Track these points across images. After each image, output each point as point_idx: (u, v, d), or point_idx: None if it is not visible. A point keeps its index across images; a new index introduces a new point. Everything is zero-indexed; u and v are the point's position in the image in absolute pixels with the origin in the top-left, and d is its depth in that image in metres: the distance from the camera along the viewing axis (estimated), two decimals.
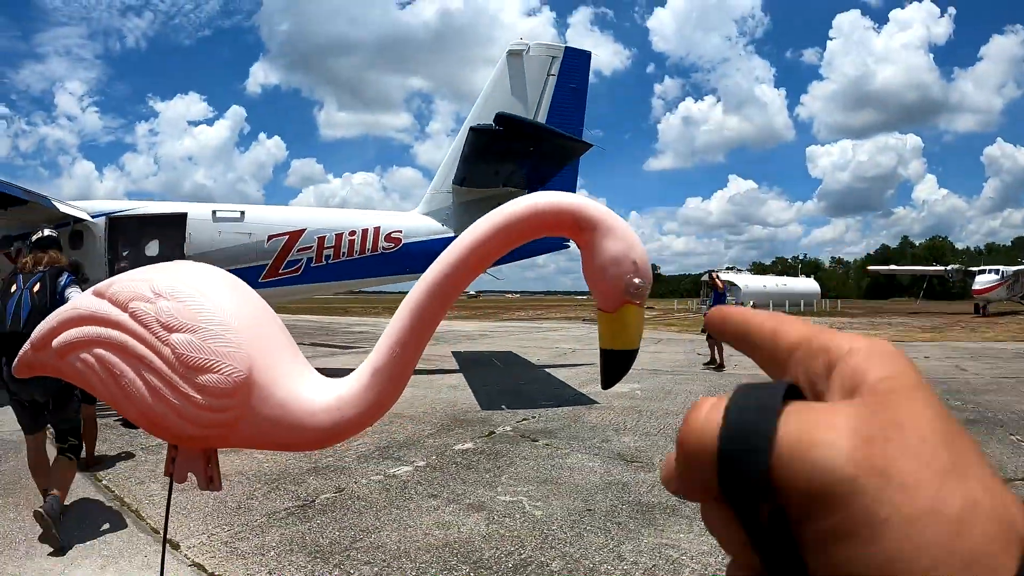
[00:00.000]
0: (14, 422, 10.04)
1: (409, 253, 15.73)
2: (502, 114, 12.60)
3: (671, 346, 24.93)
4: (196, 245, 15.25)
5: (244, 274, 13.74)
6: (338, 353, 21.75)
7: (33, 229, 15.28)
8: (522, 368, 17.89)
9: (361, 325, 38.51)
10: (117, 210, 15.99)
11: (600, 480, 7.42)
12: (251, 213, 15.76)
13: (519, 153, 13.64)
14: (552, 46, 16.70)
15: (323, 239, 15.43)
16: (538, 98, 16.33)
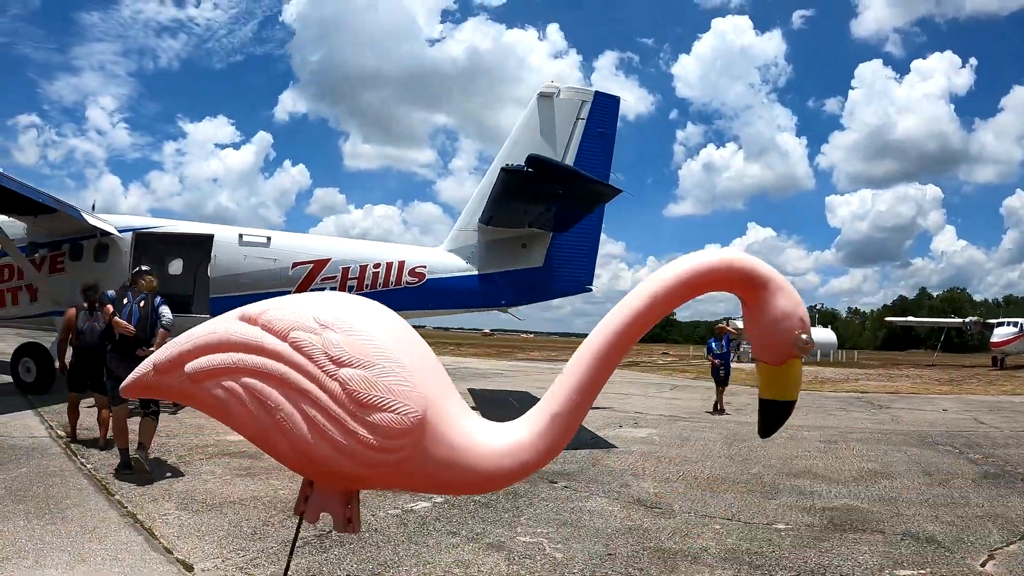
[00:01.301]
0: (25, 429, 10.22)
1: (432, 289, 15.74)
2: (534, 156, 12.58)
3: (686, 392, 24.68)
4: (221, 267, 15.36)
5: (268, 298, 13.72)
6: None
7: (60, 238, 15.57)
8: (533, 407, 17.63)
9: None
10: (144, 226, 16.16)
11: (620, 524, 7.30)
12: (277, 239, 15.84)
13: (548, 195, 13.62)
14: (582, 90, 16.78)
15: (347, 270, 15.48)
16: (566, 141, 16.30)
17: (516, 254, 16.16)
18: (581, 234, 16.40)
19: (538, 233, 16.05)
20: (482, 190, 16.41)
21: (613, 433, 13.51)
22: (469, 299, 16.18)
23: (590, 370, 1.76)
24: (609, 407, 18.07)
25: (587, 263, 16.97)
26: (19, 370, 14.52)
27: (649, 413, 17.48)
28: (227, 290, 15.28)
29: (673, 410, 18.47)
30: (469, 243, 16.28)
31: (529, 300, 16.78)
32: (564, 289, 16.95)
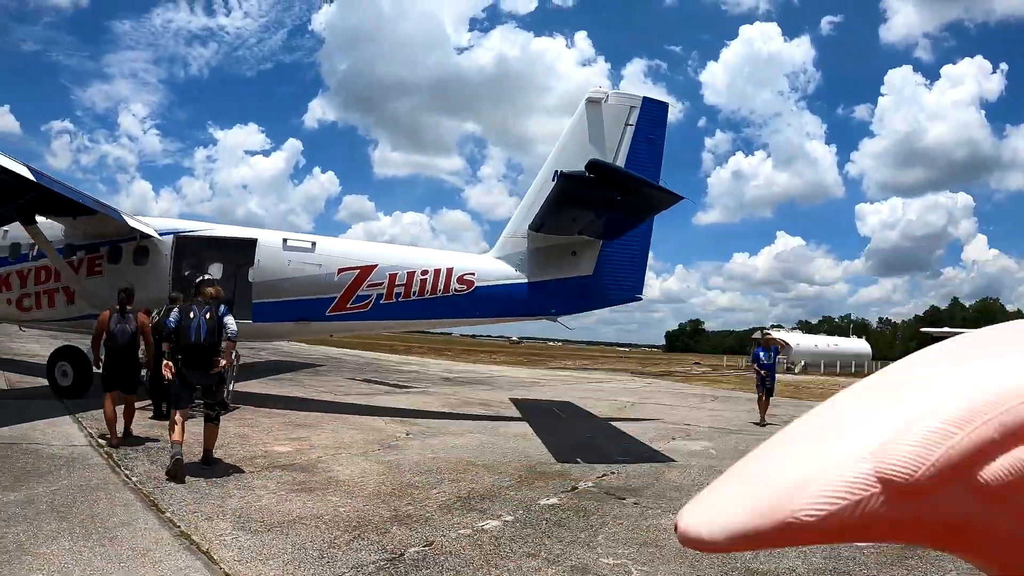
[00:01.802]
0: (63, 436, 10.02)
1: (481, 297, 15.32)
2: (595, 160, 12.13)
3: (728, 404, 24.18)
4: (264, 272, 15.06)
5: (312, 305, 13.20)
6: (394, 392, 21.25)
7: (98, 241, 15.31)
8: (585, 420, 17.41)
9: (409, 364, 38.07)
10: (185, 230, 15.88)
11: None
12: (322, 244, 15.51)
13: (604, 202, 13.18)
14: (630, 95, 16.33)
15: (394, 276, 15.09)
16: (615, 147, 15.86)
17: (566, 262, 15.74)
18: (631, 242, 15.97)
19: (588, 240, 15.63)
20: (532, 196, 16.02)
21: (668, 446, 13.19)
22: (518, 307, 15.76)
23: None
24: (657, 419, 17.82)
25: (637, 272, 16.53)
26: (55, 374, 14.24)
27: (698, 425, 17.15)
28: (270, 295, 15.00)
29: (720, 422, 18.22)
30: (518, 250, 15.86)
31: (579, 309, 16.34)
32: (614, 298, 16.51)
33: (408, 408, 17.11)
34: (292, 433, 12.05)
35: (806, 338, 70.63)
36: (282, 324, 15.39)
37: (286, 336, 17.87)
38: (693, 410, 21.23)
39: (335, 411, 15.30)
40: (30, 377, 16.25)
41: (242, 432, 11.68)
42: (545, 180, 15.86)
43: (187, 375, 8.92)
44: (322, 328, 16.06)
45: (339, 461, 9.94)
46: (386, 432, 12.91)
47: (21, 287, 15.91)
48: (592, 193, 12.69)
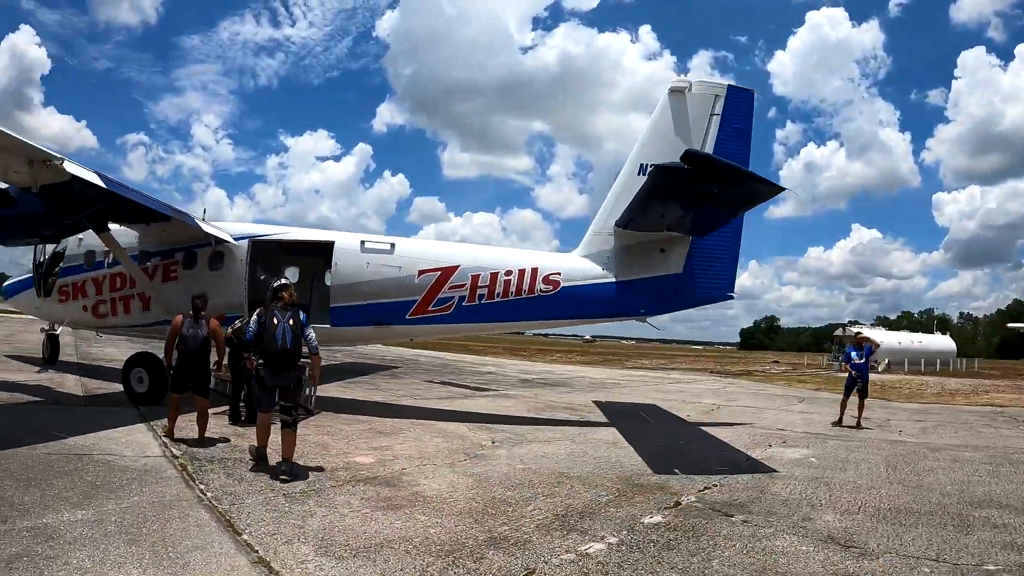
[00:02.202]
0: (137, 446, 9.91)
1: (568, 298, 14.58)
2: (692, 151, 11.23)
3: (817, 406, 23.09)
4: (342, 276, 14.59)
5: (392, 309, 12.53)
6: (474, 395, 20.73)
7: (173, 247, 15.02)
8: (674, 425, 16.62)
9: (485, 365, 37.60)
10: (261, 234, 15.52)
11: (823, 569, 6.24)
12: (402, 246, 14.97)
13: (700, 196, 12.31)
14: (715, 83, 15.42)
15: (477, 278, 14.46)
16: (702, 139, 14.94)
17: (654, 259, 14.91)
18: (722, 238, 15.05)
19: (678, 237, 14.78)
20: (615, 191, 15.26)
21: (766, 454, 12.49)
22: (606, 308, 14.98)
23: None
24: (748, 423, 17.14)
25: (728, 269, 15.56)
26: (131, 380, 13.95)
27: (791, 430, 16.30)
28: (348, 299, 14.52)
29: (813, 426, 17.33)
30: (604, 248, 15.09)
31: (669, 309, 15.48)
32: (705, 297, 15.55)
33: (490, 413, 16.55)
34: (373, 441, 11.54)
35: (889, 335, 67.55)
36: (361, 328, 14.87)
37: (365, 341, 17.40)
38: (782, 413, 20.46)
39: (416, 416, 14.78)
40: (107, 383, 16.14)
41: (322, 441, 11.21)
42: (630, 174, 15.10)
43: (267, 379, 8.99)
44: (403, 332, 15.47)
45: (424, 473, 9.35)
46: (471, 440, 12.31)
47: (97, 294, 15.85)
48: (687, 186, 11.83)
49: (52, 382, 16.24)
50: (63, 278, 16.36)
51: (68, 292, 16.27)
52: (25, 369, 18.43)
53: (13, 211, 12.76)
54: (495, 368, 35.35)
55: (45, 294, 16.71)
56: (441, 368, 32.39)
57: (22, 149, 10.45)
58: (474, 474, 9.49)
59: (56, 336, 19.19)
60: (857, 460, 12.26)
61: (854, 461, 12.14)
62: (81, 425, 10.87)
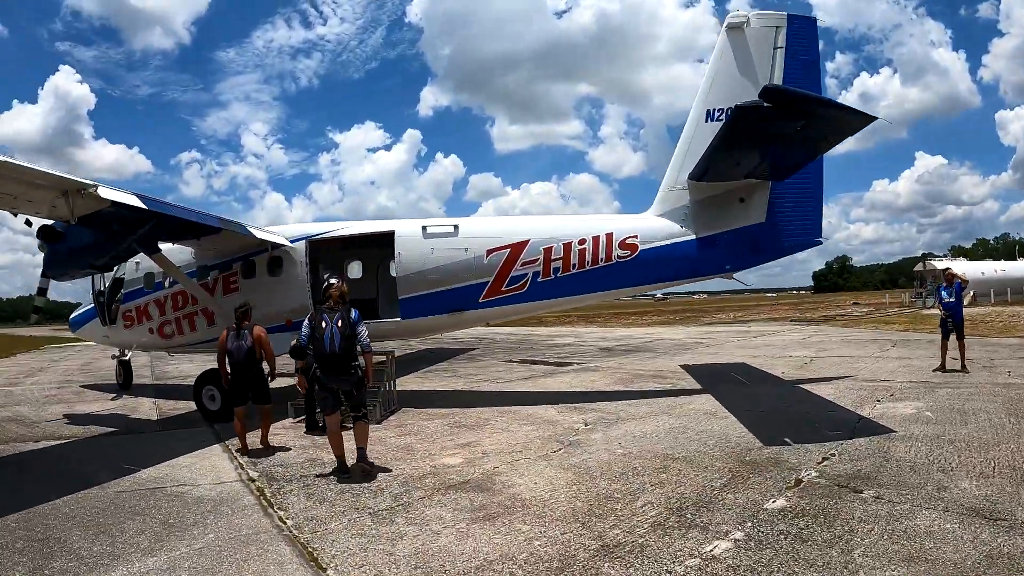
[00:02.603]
0: (212, 471, 9.42)
1: (648, 261, 13.73)
2: (772, 87, 10.15)
3: (912, 349, 22.13)
4: (406, 264, 13.96)
5: (463, 294, 11.63)
6: (557, 372, 20.05)
7: (229, 258, 14.60)
8: (771, 385, 15.63)
9: (562, 336, 36.90)
10: (317, 233, 14.95)
11: (976, 551, 5.40)
12: (465, 227, 14.25)
13: (782, 135, 11.23)
14: (773, 14, 14.14)
15: (550, 250, 13.69)
16: (768, 76, 13.81)
17: (735, 210, 13.97)
18: (804, 180, 14.01)
19: (756, 184, 13.81)
20: (684, 143, 14.30)
21: (877, 411, 11.56)
22: (690, 267, 14.09)
23: None
24: (847, 376, 16.26)
25: (813, 211, 14.49)
26: (203, 398, 13.68)
27: (894, 380, 15.24)
28: (416, 288, 13.91)
29: (916, 373, 16.23)
30: (680, 204, 14.14)
31: (755, 262, 14.50)
32: (792, 244, 14.49)
33: (577, 391, 15.78)
34: (459, 438, 10.88)
35: (971, 266, 63.79)
36: (434, 318, 14.22)
37: (440, 330, 16.73)
38: (879, 360, 19.37)
39: (500, 403, 14.09)
40: (182, 402, 15.80)
41: (405, 443, 10.61)
42: (697, 123, 14.14)
43: (326, 381, 8.86)
44: (477, 317, 14.70)
45: (518, 471, 8.62)
46: (562, 424, 11.57)
47: (160, 315, 15.64)
48: (769, 126, 10.81)
49: (126, 408, 16.03)
50: (126, 303, 16.19)
51: (132, 317, 16.10)
52: (101, 398, 18.25)
53: (63, 246, 12.54)
54: (573, 339, 34.60)
55: (110, 321, 16.53)
56: (519, 344, 31.76)
57: (54, 182, 10.00)
58: (572, 466, 8.74)
59: (127, 361, 19.15)
60: (975, 410, 11.33)
61: (972, 412, 11.23)
62: (155, 453, 10.48)
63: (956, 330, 16.34)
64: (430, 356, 26.55)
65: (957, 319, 16.44)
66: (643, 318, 59.80)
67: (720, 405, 12.73)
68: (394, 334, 14.96)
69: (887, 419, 10.81)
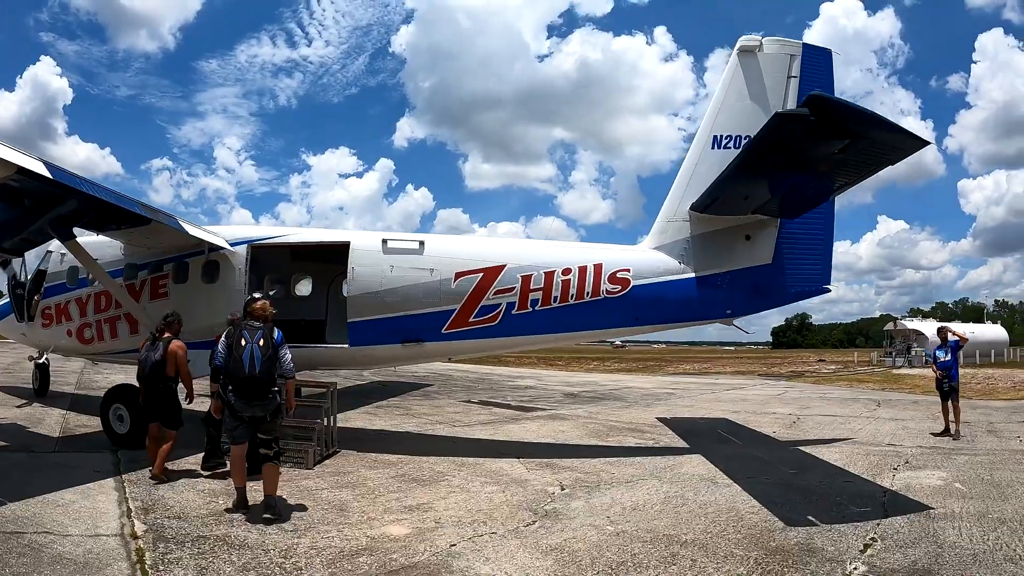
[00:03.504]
0: (90, 516, 7.58)
1: (640, 299, 11.91)
2: (820, 96, 8.26)
3: (900, 410, 20.75)
4: (361, 283, 11.93)
5: (424, 322, 9.16)
6: (521, 417, 17.95)
7: (161, 258, 12.29)
8: (766, 446, 13.91)
9: (523, 378, 34.84)
10: (261, 237, 12.87)
11: None
12: (433, 245, 12.28)
13: (815, 158, 9.49)
14: (788, 42, 12.85)
15: (528, 279, 11.75)
16: (781, 104, 12.40)
17: (740, 249, 12.30)
18: (814, 220, 12.51)
19: (764, 221, 12.21)
20: (687, 170, 12.63)
21: (900, 482, 10.16)
22: (688, 309, 12.30)
23: None
24: (845, 437, 14.79)
25: (822, 256, 12.91)
26: (110, 419, 11.62)
27: (901, 444, 13.86)
28: (369, 312, 11.87)
29: (920, 437, 14.98)
30: (680, 237, 12.35)
31: (759, 307, 12.89)
32: (799, 290, 12.87)
33: (547, 442, 13.85)
34: (408, 496, 8.89)
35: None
36: (388, 348, 12.12)
37: (395, 362, 14.70)
38: (871, 421, 17.97)
39: (458, 452, 12.07)
40: (96, 419, 13.35)
41: (339, 500, 8.65)
42: (703, 149, 12.51)
43: (238, 408, 7.90)
44: (439, 350, 12.61)
45: (483, 553, 6.65)
46: (533, 486, 9.62)
47: (81, 316, 13.56)
48: (806, 145, 9.04)
49: (30, 419, 14.02)
50: (46, 299, 14.14)
51: (52, 315, 14.09)
52: (8, 403, 16.15)
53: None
54: (535, 381, 32.62)
55: (28, 318, 14.49)
56: (477, 383, 29.70)
57: None
58: (553, 548, 6.81)
59: (44, 365, 17.03)
60: (1009, 482, 10.18)
61: (1006, 484, 10.04)
62: (35, 482, 8.63)
63: (951, 392, 15.13)
64: (382, 389, 24.37)
65: (954, 379, 15.20)
66: (605, 364, 57.97)
67: (716, 469, 10.97)
68: (341, 363, 12.96)
69: (915, 492, 9.48)
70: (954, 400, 15.16)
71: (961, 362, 17.60)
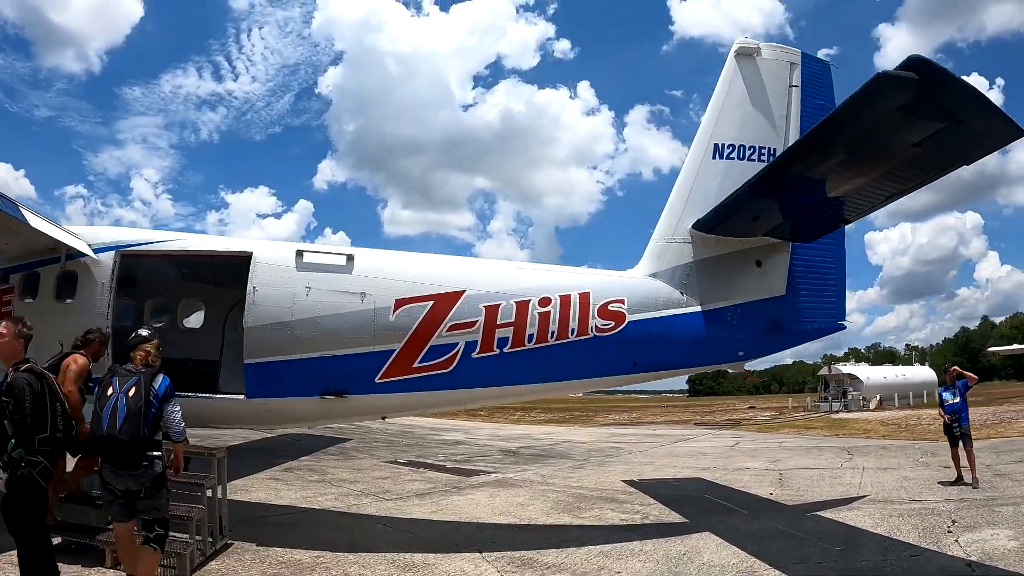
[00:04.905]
0: None
1: (637, 339, 9.27)
2: (917, 57, 5.85)
3: (880, 458, 19.25)
4: (264, 310, 8.62)
5: (350, 366, 8.38)
6: (463, 485, 14.72)
7: (7, 266, 9.63)
8: (779, 515, 11.43)
9: (448, 431, 31.61)
10: (136, 242, 9.44)
11: None
12: (366, 261, 9.10)
13: (891, 147, 7.23)
14: (787, 49, 11.13)
15: (495, 311, 8.89)
16: (785, 115, 10.64)
17: (751, 277, 10.03)
18: (826, 245, 10.46)
19: (776, 245, 10.05)
20: (686, 184, 10.35)
21: (973, 548, 8.59)
22: (694, 352, 9.74)
23: None
24: (855, 496, 12.80)
25: (836, 288, 10.83)
26: None
27: (926, 499, 12.32)
28: (276, 350, 8.55)
29: (931, 488, 13.55)
30: (680, 262, 9.95)
31: (774, 348, 10.64)
32: (813, 328, 10.64)
33: (508, 522, 10.79)
34: None
35: (874, 371, 65.59)
36: (300, 401, 8.82)
37: (308, 420, 11.16)
38: (861, 472, 16.21)
39: (398, 544, 8.93)
40: None
41: None
42: (702, 160, 10.41)
43: (107, 479, 6.04)
44: (370, 406, 9.25)
45: None
46: None
47: None
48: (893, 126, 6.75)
49: None
50: None
51: None
52: None
53: None
54: (463, 435, 29.59)
55: None
56: (400, 438, 26.46)
57: None
58: None
59: None
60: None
61: None
62: None
63: (963, 437, 13.78)
64: (291, 445, 20.82)
65: (964, 423, 13.87)
66: (531, 415, 54.78)
67: (746, 554, 8.47)
68: (238, 419, 9.73)
69: (1001, 559, 8.09)
70: (967, 445, 13.75)
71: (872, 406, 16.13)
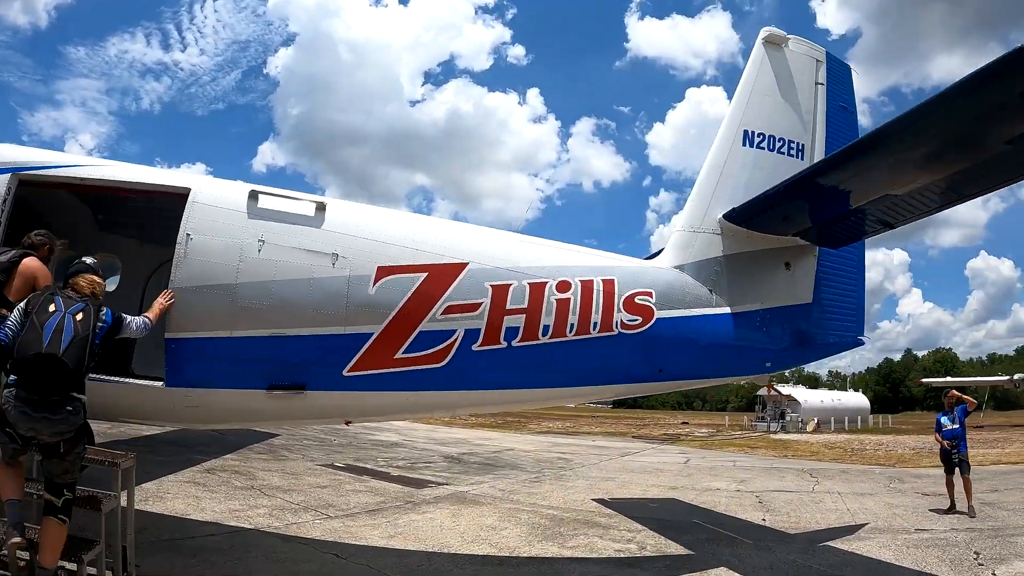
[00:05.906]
0: None
1: (664, 339, 7.65)
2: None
3: (851, 482, 18.75)
4: (201, 265, 6.35)
5: (312, 350, 6.58)
6: (417, 499, 12.88)
7: None
8: (782, 544, 10.62)
9: (384, 430, 29.47)
10: (41, 164, 6.94)
11: None
12: (340, 214, 6.94)
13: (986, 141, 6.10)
14: (813, 46, 10.25)
15: (504, 292, 6.98)
16: (812, 110, 9.81)
17: (779, 280, 8.80)
18: (849, 254, 9.54)
19: (803, 248, 8.91)
20: (714, 171, 9.02)
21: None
22: (722, 360, 8.24)
23: None
24: (859, 524, 12.19)
25: (856, 300, 9.78)
26: None
27: (933, 528, 11.97)
28: (209, 323, 6.37)
29: (926, 516, 13.28)
30: (709, 256, 8.47)
31: (799, 359, 10.01)
32: (836, 341, 9.51)
33: (484, 552, 9.07)
34: None
35: (812, 394, 65.52)
36: (240, 395, 6.56)
37: (245, 420, 8.52)
38: (840, 498, 15.58)
39: None
40: None
41: None
42: (731, 147, 9.27)
43: (14, 418, 4.81)
44: (332, 405, 6.92)
45: None
46: None
47: None
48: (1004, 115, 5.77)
49: None
50: None
51: None
52: None
53: None
54: (397, 436, 27.64)
55: None
56: (331, 436, 24.41)
57: None
58: None
59: None
60: None
61: None
62: None
63: (961, 464, 13.51)
64: (217, 440, 18.51)
65: (963, 449, 13.68)
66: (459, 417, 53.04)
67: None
68: (156, 414, 7.51)
69: None
70: (964, 473, 13.46)
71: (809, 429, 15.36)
